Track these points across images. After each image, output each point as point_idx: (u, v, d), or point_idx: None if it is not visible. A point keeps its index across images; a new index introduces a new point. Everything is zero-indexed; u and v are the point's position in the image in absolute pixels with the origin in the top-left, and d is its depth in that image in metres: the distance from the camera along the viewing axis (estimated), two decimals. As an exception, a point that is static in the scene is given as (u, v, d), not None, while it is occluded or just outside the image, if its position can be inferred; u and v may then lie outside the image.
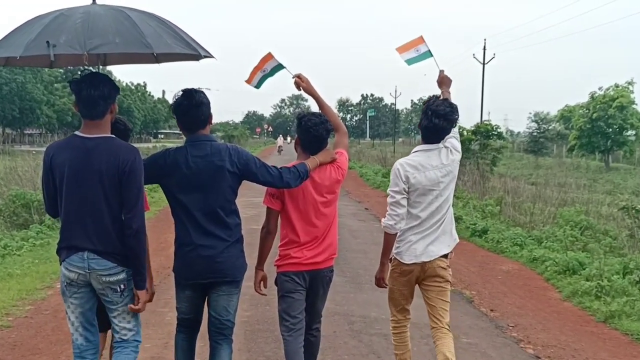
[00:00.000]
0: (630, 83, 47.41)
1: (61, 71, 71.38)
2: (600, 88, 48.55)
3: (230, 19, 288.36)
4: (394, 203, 4.10)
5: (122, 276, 3.43)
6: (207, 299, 3.88)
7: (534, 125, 64.29)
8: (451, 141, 4.26)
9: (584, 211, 12.98)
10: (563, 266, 8.51)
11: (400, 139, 73.19)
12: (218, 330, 3.85)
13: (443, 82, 4.59)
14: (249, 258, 3.93)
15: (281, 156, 44.46)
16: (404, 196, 4.09)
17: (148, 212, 4.15)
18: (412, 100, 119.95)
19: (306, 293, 4.10)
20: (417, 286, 4.31)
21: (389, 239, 4.18)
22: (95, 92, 3.34)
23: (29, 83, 64.28)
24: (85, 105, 3.37)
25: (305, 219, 4.00)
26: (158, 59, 3.86)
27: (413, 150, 4.32)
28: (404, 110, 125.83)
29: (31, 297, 7.05)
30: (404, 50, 4.72)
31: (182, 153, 3.70)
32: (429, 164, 4.10)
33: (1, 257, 8.99)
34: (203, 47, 3.73)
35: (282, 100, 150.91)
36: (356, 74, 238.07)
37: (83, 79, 3.39)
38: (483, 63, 46.18)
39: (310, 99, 4.35)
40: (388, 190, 4.25)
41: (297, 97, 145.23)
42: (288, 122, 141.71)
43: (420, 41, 4.68)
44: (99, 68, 3.97)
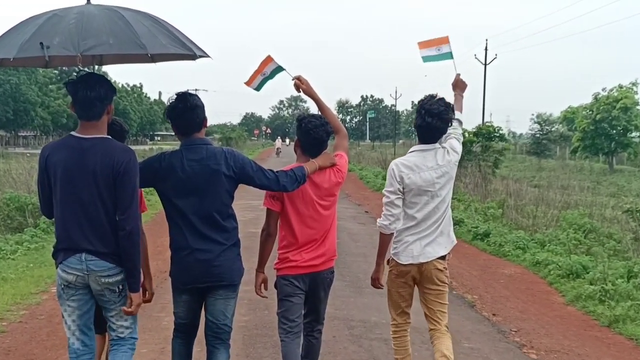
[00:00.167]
0: (634, 84, 47.46)
1: (56, 72, 71.45)
2: (603, 89, 48.64)
3: (227, 19, 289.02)
4: (389, 203, 4.15)
5: (121, 277, 3.44)
6: (205, 304, 3.89)
7: (537, 126, 64.31)
8: (451, 142, 4.28)
9: (588, 214, 12.98)
10: (566, 270, 8.51)
11: (400, 141, 73.29)
12: (215, 334, 3.86)
13: (457, 85, 4.61)
14: (248, 262, 3.94)
15: (279, 158, 44.49)
16: (399, 196, 4.14)
17: (145, 215, 4.16)
18: (413, 101, 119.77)
19: (307, 295, 4.14)
20: (416, 289, 4.33)
21: (384, 239, 4.24)
22: (91, 93, 3.35)
23: (23, 84, 64.28)
24: (81, 106, 3.38)
25: (304, 221, 4.02)
26: (154, 59, 3.86)
27: (409, 150, 4.36)
28: (405, 111, 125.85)
29: (26, 302, 7.04)
30: (426, 46, 4.71)
31: (178, 157, 3.71)
32: (424, 165, 4.13)
33: (-5, 261, 8.98)
34: (199, 47, 3.74)
35: (281, 101, 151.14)
36: (355, 75, 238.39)
37: (79, 80, 3.41)
38: (485, 63, 46.24)
39: (309, 101, 4.39)
40: (383, 190, 4.30)
41: (296, 99, 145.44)
42: (286, 124, 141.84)
43: (444, 41, 4.68)
44: (94, 68, 3.99)
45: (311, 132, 4.04)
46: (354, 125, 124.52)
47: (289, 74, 4.34)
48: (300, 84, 4.28)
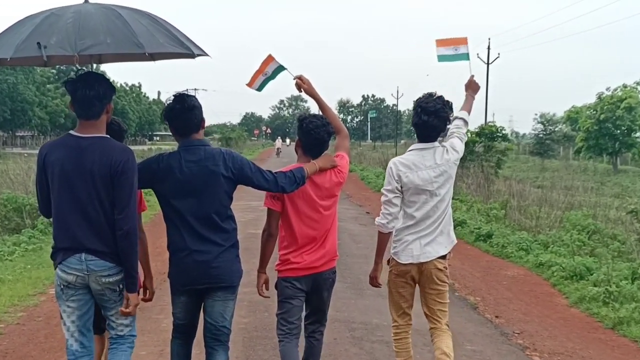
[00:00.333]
0: (638, 83, 47.44)
1: (54, 71, 71.50)
2: (607, 88, 48.59)
3: (227, 19, 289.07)
4: (387, 202, 4.20)
5: (122, 276, 3.45)
6: (203, 305, 3.90)
7: (540, 126, 64.25)
8: (452, 140, 4.30)
9: (592, 215, 12.98)
10: (570, 271, 8.51)
11: (402, 141, 73.15)
12: (214, 336, 3.87)
13: (470, 87, 4.63)
14: (248, 263, 3.95)
15: (280, 159, 44.50)
16: (396, 195, 4.18)
17: (144, 216, 4.18)
18: (414, 101, 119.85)
19: (310, 296, 4.18)
20: (417, 290, 4.34)
21: (382, 238, 4.29)
22: (90, 92, 3.37)
23: (21, 84, 64.28)
24: (80, 105, 3.39)
25: (304, 222, 4.04)
26: (153, 57, 3.88)
27: (408, 149, 4.38)
28: (406, 111, 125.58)
29: (23, 304, 7.05)
30: (443, 44, 4.72)
31: (176, 158, 3.73)
32: (422, 164, 4.16)
33: (-8, 263, 8.99)
34: (197, 45, 3.74)
35: (281, 101, 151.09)
36: (356, 75, 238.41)
37: (78, 79, 3.42)
38: (487, 63, 46.24)
39: (309, 100, 4.42)
40: (382, 189, 4.33)
41: (296, 99, 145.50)
42: (287, 124, 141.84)
43: (463, 42, 4.68)
44: (93, 67, 4.00)
45: (312, 133, 4.06)
46: (355, 125, 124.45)
47: (291, 74, 4.36)
48: (301, 84, 4.30)
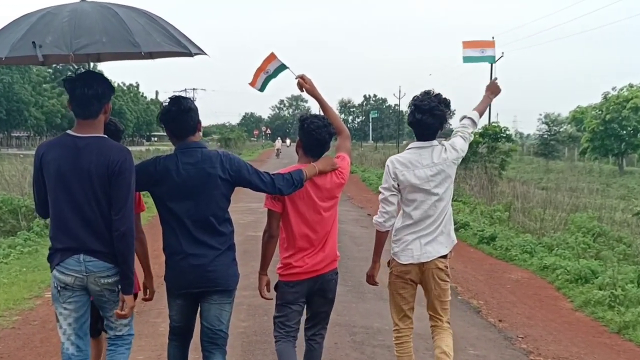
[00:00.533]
0: (645, 83, 47.47)
1: (50, 71, 71.59)
2: (613, 88, 48.65)
3: (226, 19, 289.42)
4: (383, 200, 4.25)
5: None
6: (200, 309, 3.92)
7: (545, 127, 64.33)
8: (454, 139, 4.33)
9: (597, 217, 12.96)
10: (575, 275, 8.50)
11: (404, 142, 73.09)
12: (210, 340, 3.89)
13: (491, 89, 4.62)
14: (247, 266, 3.96)
15: (280, 160, 44.49)
16: (393, 193, 4.22)
17: (142, 218, 4.19)
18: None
19: (312, 299, 4.20)
20: (418, 292, 4.35)
21: (380, 237, 4.35)
22: (89, 91, 3.39)
23: (17, 83, 64.36)
24: (78, 104, 3.41)
25: (305, 223, 4.06)
26: (152, 55, 3.90)
27: (407, 147, 4.40)
28: (408, 111, 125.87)
29: (19, 307, 7.06)
30: (471, 46, 4.74)
31: (173, 160, 3.75)
32: (419, 162, 4.19)
33: (-13, 266, 9.00)
34: (195, 44, 3.75)
35: (281, 101, 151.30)
36: (358, 74, 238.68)
37: (77, 78, 3.45)
38: (491, 62, 46.25)
39: (310, 100, 4.47)
40: (379, 187, 4.38)
41: (297, 98, 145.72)
42: (287, 124, 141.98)
43: (490, 44, 4.70)
44: (90, 66, 4.02)
45: (313, 133, 4.08)
46: (357, 125, 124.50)
47: (293, 73, 4.38)
48: (303, 83, 4.32)
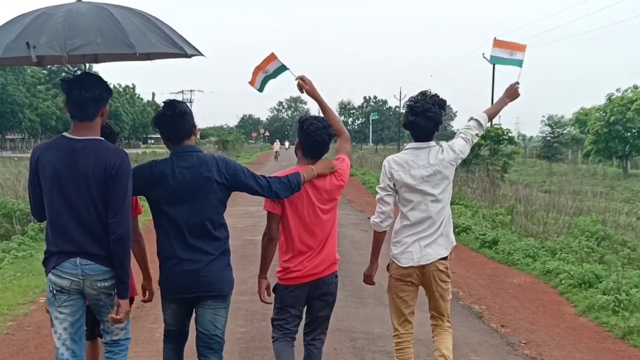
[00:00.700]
0: (650, 84, 47.45)
1: (45, 72, 71.57)
2: (618, 89, 48.56)
3: (224, 18, 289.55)
4: (379, 200, 4.30)
5: None
6: (195, 313, 3.94)
7: (548, 129, 64.28)
8: (454, 140, 4.37)
9: (601, 221, 12.97)
10: (578, 279, 8.50)
11: (405, 144, 73.23)
12: (206, 344, 3.91)
13: (509, 92, 4.58)
14: (245, 270, 3.96)
15: (278, 162, 44.49)
16: (388, 193, 4.26)
17: (140, 221, 4.20)
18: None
19: (312, 303, 4.22)
20: (419, 299, 4.36)
21: (377, 237, 4.39)
22: (86, 93, 3.40)
23: (10, 85, 64.34)
24: (75, 106, 3.42)
25: (304, 226, 4.08)
26: (149, 56, 3.91)
27: (405, 147, 4.43)
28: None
29: (13, 313, 7.05)
30: (501, 46, 4.70)
31: (169, 164, 3.77)
32: (415, 162, 4.21)
33: (-19, 270, 8.98)
34: (191, 45, 3.77)
35: (280, 103, 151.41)
36: (357, 75, 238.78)
37: (75, 79, 3.47)
38: (493, 63, 46.25)
39: (309, 102, 4.46)
40: (377, 187, 4.42)
41: (296, 100, 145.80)
42: (286, 126, 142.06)
43: (521, 48, 4.65)
44: (85, 67, 4.03)
45: (313, 135, 4.09)
46: (357, 127, 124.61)
47: (292, 74, 4.40)
48: (303, 84, 4.34)
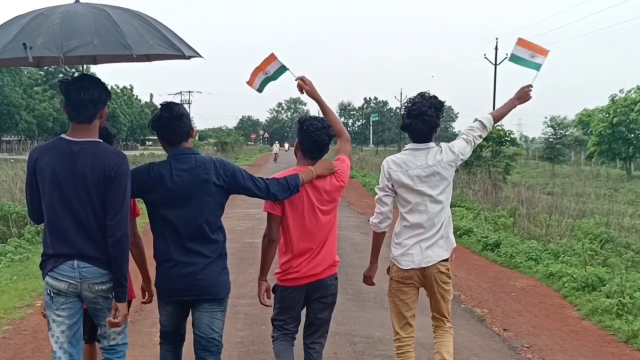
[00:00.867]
0: (653, 85, 47.43)
1: (42, 73, 71.54)
2: (621, 90, 48.67)
3: (223, 18, 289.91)
4: (377, 200, 4.35)
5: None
6: (192, 317, 3.96)
7: (550, 130, 64.41)
8: (455, 141, 4.40)
9: (604, 223, 12.96)
10: (581, 282, 8.50)
11: (406, 145, 73.27)
12: (204, 347, 3.93)
13: (520, 95, 4.55)
14: (244, 274, 3.97)
15: (277, 164, 44.49)
16: (387, 194, 4.30)
17: (138, 223, 4.21)
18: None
19: (311, 304, 4.24)
20: (419, 303, 4.38)
21: (377, 238, 4.44)
22: (85, 95, 3.41)
23: (7, 86, 64.35)
24: (74, 108, 3.44)
25: (303, 227, 4.10)
26: (149, 58, 3.93)
27: (404, 148, 4.46)
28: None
29: (9, 317, 7.05)
30: (525, 46, 4.66)
31: (166, 167, 3.79)
32: (413, 163, 4.24)
33: (-23, 274, 8.98)
34: (190, 47, 3.78)
35: (279, 104, 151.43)
36: (358, 76, 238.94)
37: (73, 81, 3.48)
38: (495, 64, 46.35)
39: (309, 103, 4.47)
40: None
41: (295, 101, 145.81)
42: (285, 128, 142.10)
43: (543, 52, 4.60)
44: (83, 68, 4.05)
45: (313, 135, 4.11)
46: (357, 129, 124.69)
47: (293, 74, 4.42)
48: (303, 85, 4.35)
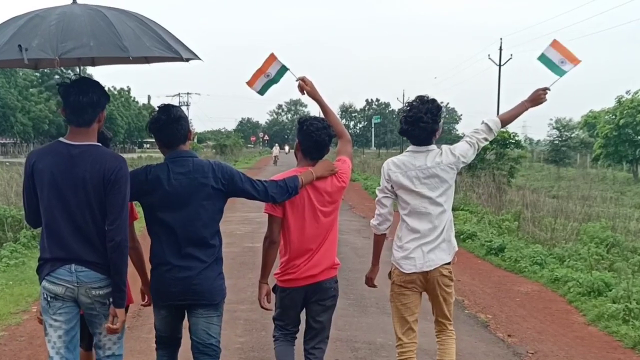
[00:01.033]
0: (660, 86, 47.48)
1: (37, 74, 71.67)
2: (627, 92, 48.54)
3: (222, 18, 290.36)
4: (377, 201, 4.40)
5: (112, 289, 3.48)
6: (188, 322, 3.96)
7: (555, 132, 64.32)
8: (457, 144, 4.42)
9: (611, 227, 12.95)
10: (587, 287, 8.50)
11: (408, 148, 73.23)
12: (202, 352, 3.94)
13: (533, 97, 4.53)
14: (244, 279, 3.98)
15: (277, 167, 44.52)
16: (386, 195, 4.35)
17: (136, 227, 4.22)
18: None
19: (310, 307, 4.27)
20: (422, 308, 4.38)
21: (377, 240, 4.50)
22: (84, 99, 3.43)
23: (2, 88, 64.44)
24: (72, 111, 3.45)
25: (303, 228, 4.12)
26: (147, 59, 3.94)
27: (406, 150, 4.49)
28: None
29: (5, 322, 7.06)
30: (558, 49, 4.63)
31: (164, 170, 3.80)
32: (412, 164, 4.27)
33: (-28, 279, 8.99)
34: (188, 49, 3.79)
35: (279, 106, 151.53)
36: (359, 77, 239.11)
37: (72, 84, 3.49)
38: (499, 64, 46.44)
39: (309, 105, 4.50)
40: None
41: (296, 103, 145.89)
42: (285, 130, 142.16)
43: (575, 60, 4.57)
44: (80, 70, 4.06)
45: (313, 135, 4.13)
46: (359, 131, 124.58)
47: (293, 75, 4.42)
48: (304, 86, 4.37)
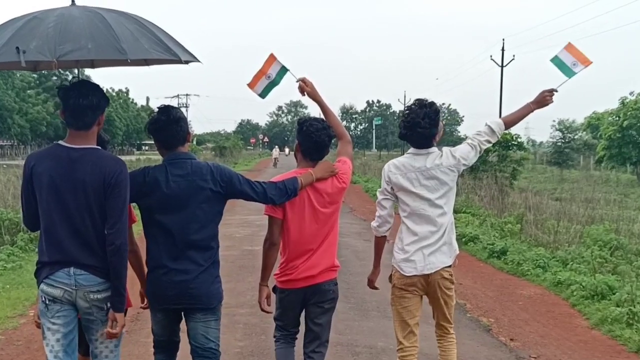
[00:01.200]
0: (664, 87, 47.49)
1: (35, 76, 71.67)
2: (631, 93, 48.60)
3: (222, 19, 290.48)
4: (377, 203, 4.45)
5: (110, 293, 3.49)
6: (186, 327, 3.97)
7: (558, 134, 64.42)
8: (458, 146, 4.43)
9: (614, 229, 12.94)
10: (591, 290, 8.50)
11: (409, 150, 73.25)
12: (201, 356, 3.95)
13: (539, 99, 4.53)
14: (244, 282, 3.99)
15: (277, 169, 44.52)
16: (386, 197, 4.39)
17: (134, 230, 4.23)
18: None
19: (309, 309, 4.28)
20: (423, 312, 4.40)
21: (378, 242, 4.55)
22: (83, 102, 3.44)
23: (-1, 89, 64.52)
24: (72, 114, 3.46)
25: (303, 230, 4.13)
26: (147, 61, 3.95)
27: (407, 152, 4.52)
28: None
29: (1, 327, 7.06)
30: (572, 52, 4.65)
31: (162, 172, 3.81)
32: (412, 166, 4.30)
33: (-32, 282, 8.99)
34: (187, 51, 3.80)
35: (279, 107, 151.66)
36: (360, 78, 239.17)
37: (72, 87, 3.50)
38: (501, 65, 46.44)
39: (309, 107, 4.52)
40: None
41: (296, 105, 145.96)
42: (285, 132, 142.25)
43: (586, 62, 4.61)
44: (78, 72, 4.07)
45: (312, 136, 4.14)
46: (359, 133, 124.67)
47: (293, 76, 4.44)
48: (304, 87, 4.39)
